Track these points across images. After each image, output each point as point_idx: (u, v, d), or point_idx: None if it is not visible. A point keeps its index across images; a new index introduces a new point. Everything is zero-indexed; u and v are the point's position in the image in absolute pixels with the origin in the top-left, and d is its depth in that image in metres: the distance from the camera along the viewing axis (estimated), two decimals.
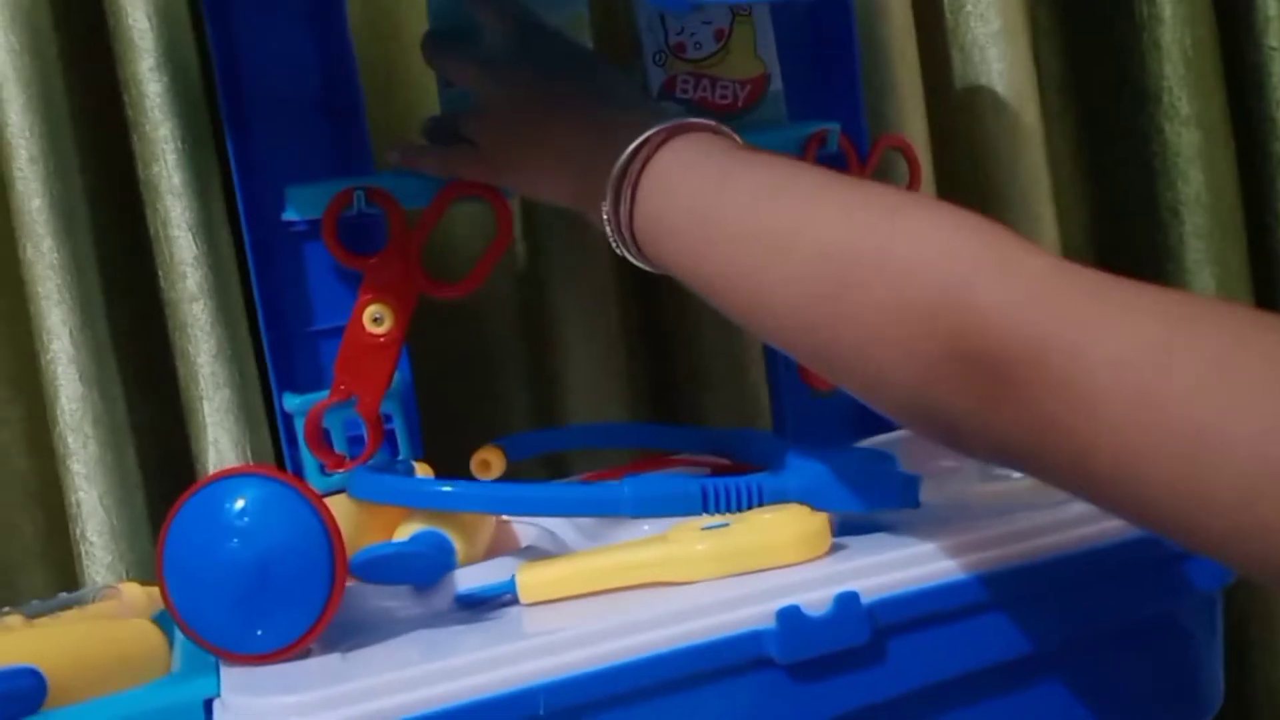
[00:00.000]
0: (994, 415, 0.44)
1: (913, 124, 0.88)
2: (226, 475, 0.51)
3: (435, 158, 0.67)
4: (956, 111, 0.92)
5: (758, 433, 0.72)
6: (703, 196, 0.53)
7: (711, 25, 0.72)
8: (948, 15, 0.91)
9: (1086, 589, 0.57)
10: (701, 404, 0.87)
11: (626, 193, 0.55)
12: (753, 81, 0.73)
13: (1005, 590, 0.55)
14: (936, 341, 0.45)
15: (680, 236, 0.54)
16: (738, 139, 0.56)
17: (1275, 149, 1.02)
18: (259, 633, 0.51)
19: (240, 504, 0.51)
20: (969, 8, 0.90)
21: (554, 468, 0.83)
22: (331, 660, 0.51)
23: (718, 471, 0.70)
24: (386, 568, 0.53)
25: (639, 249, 0.56)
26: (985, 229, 0.47)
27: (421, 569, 0.54)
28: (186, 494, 0.51)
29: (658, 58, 0.72)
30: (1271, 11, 1.00)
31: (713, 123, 0.56)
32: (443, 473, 0.69)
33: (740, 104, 0.73)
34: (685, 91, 0.72)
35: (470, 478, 0.69)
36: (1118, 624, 0.58)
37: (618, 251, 0.57)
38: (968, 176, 0.92)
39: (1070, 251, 0.97)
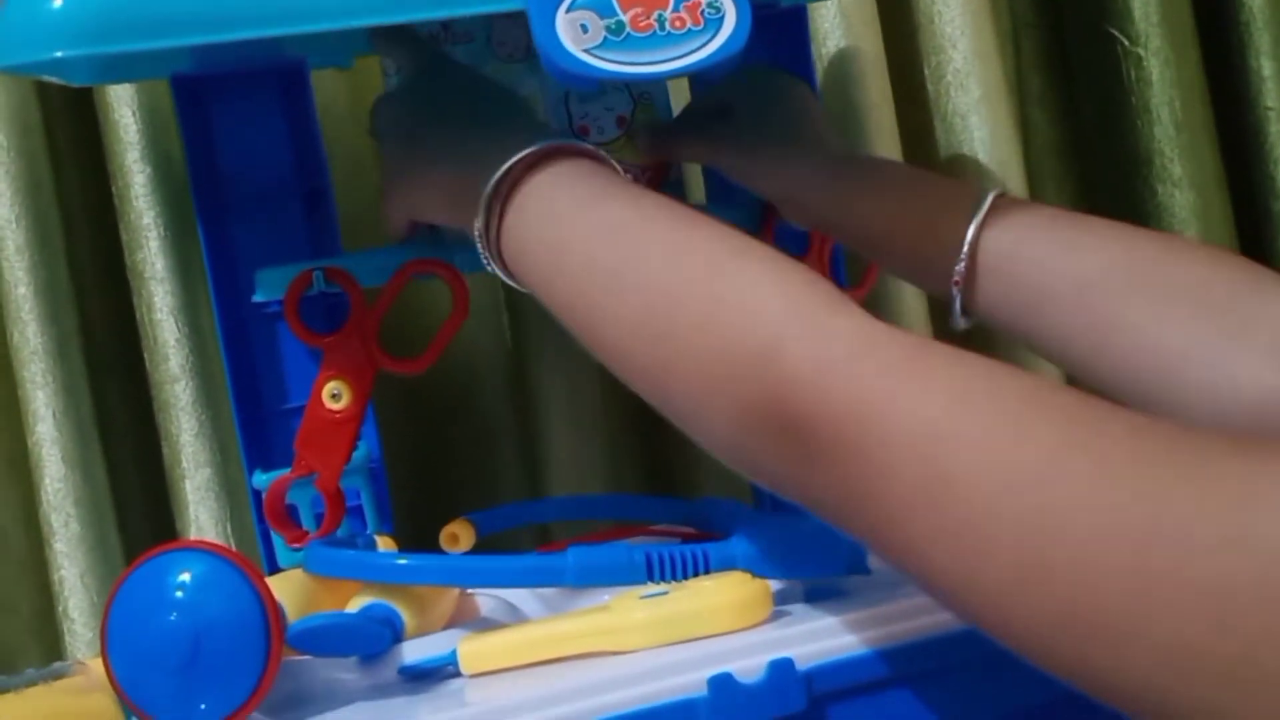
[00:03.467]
0: (805, 477, 0.45)
1: None
2: (166, 550, 0.53)
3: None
4: None
5: (720, 501, 0.72)
6: (558, 227, 0.54)
7: (614, 112, 0.74)
8: (929, 85, 0.92)
9: None
10: (686, 471, 0.87)
11: (495, 211, 0.55)
12: (654, 167, 0.74)
13: (952, 656, 0.55)
14: (751, 399, 0.45)
15: (538, 264, 0.54)
16: (615, 166, 0.56)
17: (1275, 208, 1.01)
18: (200, 705, 0.52)
19: (178, 578, 0.52)
20: (949, 78, 0.91)
21: (541, 537, 0.84)
22: None
23: (686, 541, 0.71)
24: (323, 638, 0.54)
25: (506, 267, 0.57)
26: (803, 285, 0.47)
27: (359, 640, 0.55)
28: (129, 569, 0.53)
29: None
30: (1266, 72, 1.00)
31: (590, 147, 0.56)
32: (423, 547, 0.70)
33: None
34: None
35: (439, 551, 0.70)
36: (1073, 691, 0.57)
37: (489, 269, 0.57)
38: None
39: None
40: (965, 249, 0.61)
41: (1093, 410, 0.40)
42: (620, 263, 0.51)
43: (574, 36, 0.52)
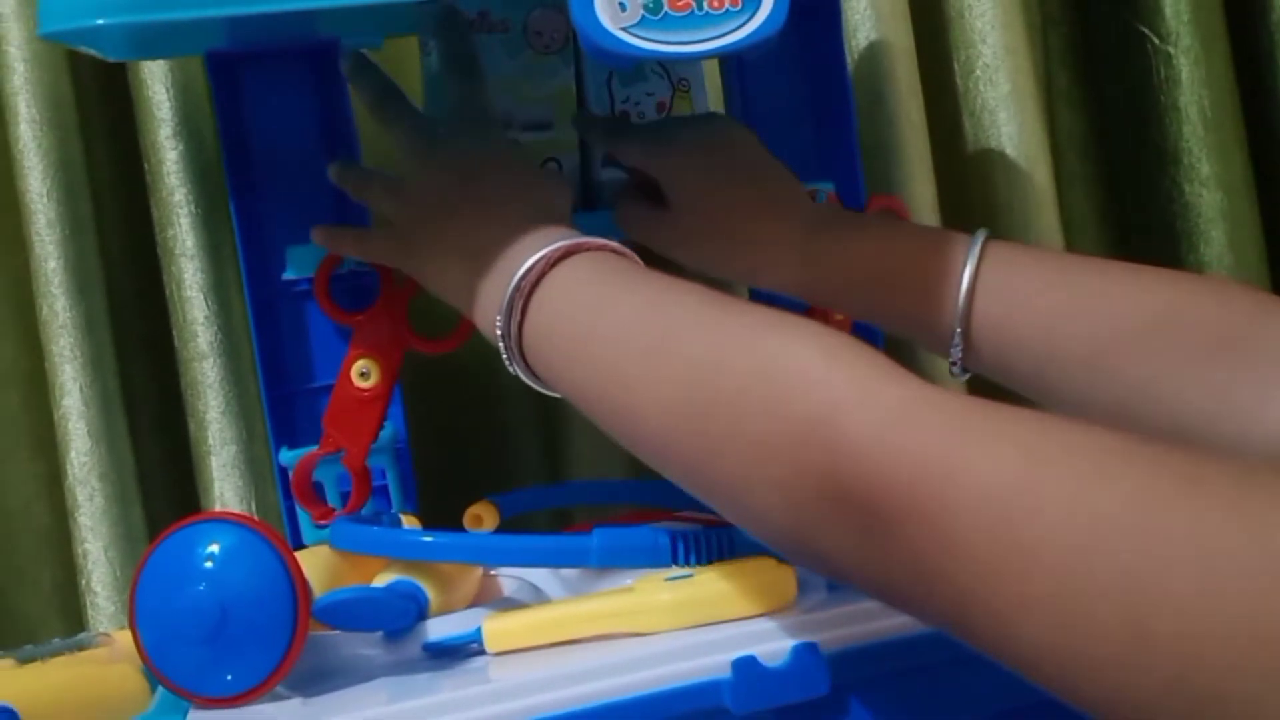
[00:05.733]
0: (869, 555, 0.41)
1: (920, 187, 0.88)
2: (195, 521, 0.53)
3: (351, 238, 0.67)
4: (967, 176, 0.92)
5: None
6: (585, 317, 0.52)
7: (654, 96, 0.74)
8: (958, 80, 0.92)
9: None
10: None
11: (518, 307, 0.54)
12: None
13: None
14: (807, 477, 0.42)
15: (563, 357, 0.53)
16: (635, 258, 0.55)
17: None
18: (227, 676, 0.52)
19: (207, 549, 0.52)
20: (978, 72, 0.91)
21: (562, 521, 0.84)
22: (295, 704, 0.52)
23: (709, 526, 0.71)
24: (349, 612, 0.54)
25: (527, 365, 0.55)
26: (851, 352, 0.44)
27: (384, 615, 0.55)
28: (159, 539, 0.53)
29: None
30: None
31: (611, 242, 0.55)
32: (446, 528, 0.70)
33: None
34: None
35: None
36: None
37: (510, 369, 0.56)
38: None
39: None
40: (959, 312, 0.58)
41: (1180, 457, 0.37)
42: (656, 342, 0.49)
43: (612, 15, 0.52)
